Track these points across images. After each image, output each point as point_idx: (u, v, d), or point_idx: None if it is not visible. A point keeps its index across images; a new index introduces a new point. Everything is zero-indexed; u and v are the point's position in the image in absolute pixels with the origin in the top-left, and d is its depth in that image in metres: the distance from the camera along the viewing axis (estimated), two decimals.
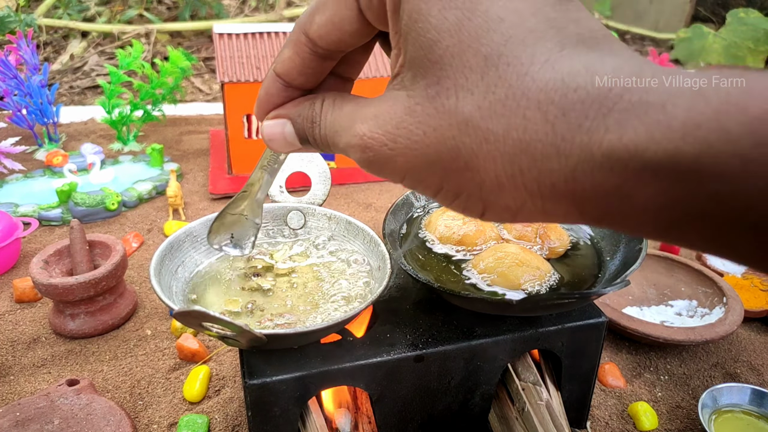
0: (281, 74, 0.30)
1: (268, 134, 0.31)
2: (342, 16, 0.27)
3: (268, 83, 0.31)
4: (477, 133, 0.22)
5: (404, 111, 0.25)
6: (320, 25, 0.27)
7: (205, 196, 1.25)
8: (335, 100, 0.29)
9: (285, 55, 0.29)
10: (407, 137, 0.24)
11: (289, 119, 0.31)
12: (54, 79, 1.95)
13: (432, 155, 0.24)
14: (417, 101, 0.24)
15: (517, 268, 0.58)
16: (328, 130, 0.29)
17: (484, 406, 0.63)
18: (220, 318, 0.43)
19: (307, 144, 0.31)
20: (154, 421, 0.69)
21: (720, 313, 0.82)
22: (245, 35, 1.26)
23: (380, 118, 0.26)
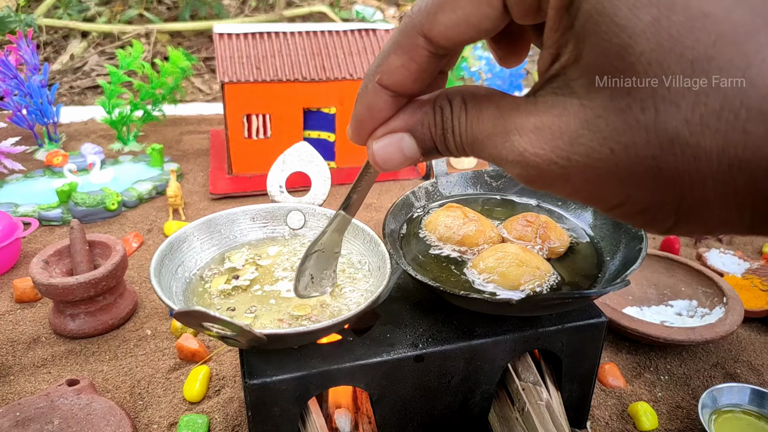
0: (391, 85, 0.27)
1: (383, 155, 0.28)
2: (481, 15, 0.24)
3: (370, 98, 0.27)
4: (684, 152, 0.19)
5: (580, 125, 0.21)
6: (449, 26, 0.24)
7: (205, 196, 1.25)
8: (466, 102, 0.26)
9: (394, 63, 0.26)
10: (587, 155, 0.21)
11: (407, 132, 0.27)
12: (54, 79, 1.95)
13: (621, 174, 0.21)
14: (598, 113, 0.21)
15: (517, 268, 0.58)
16: (467, 138, 0.26)
17: (484, 406, 0.63)
18: (220, 318, 0.43)
19: (433, 154, 0.28)
20: (154, 421, 0.69)
21: (720, 313, 0.82)
22: (245, 35, 1.26)
23: (545, 131, 0.22)
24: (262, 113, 1.25)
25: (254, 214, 0.67)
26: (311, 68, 1.24)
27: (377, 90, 0.27)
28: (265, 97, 1.23)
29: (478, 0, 0.23)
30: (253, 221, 0.67)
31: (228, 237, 0.65)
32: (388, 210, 0.68)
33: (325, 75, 1.24)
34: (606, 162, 0.21)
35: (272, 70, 1.22)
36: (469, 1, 0.23)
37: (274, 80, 1.21)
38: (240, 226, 0.66)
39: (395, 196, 1.23)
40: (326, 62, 1.26)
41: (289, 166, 0.68)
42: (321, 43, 1.28)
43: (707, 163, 0.19)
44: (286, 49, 1.26)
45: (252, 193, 1.25)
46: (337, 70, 1.25)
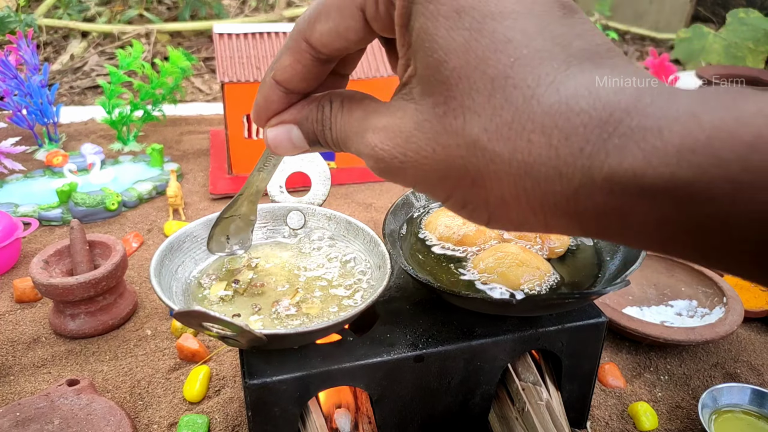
0: (282, 81, 0.30)
1: (274, 141, 0.31)
2: (347, 26, 0.27)
3: (267, 91, 0.31)
4: (484, 155, 0.23)
5: (414, 126, 0.25)
6: (323, 34, 0.27)
7: (205, 196, 1.25)
8: (343, 103, 0.29)
9: (285, 62, 0.29)
10: (416, 152, 0.25)
11: (295, 124, 0.31)
12: (54, 79, 1.95)
13: (441, 170, 0.25)
14: (425, 117, 0.24)
15: (517, 268, 0.58)
16: (339, 134, 0.29)
17: (484, 406, 0.63)
18: (220, 318, 0.43)
19: (317, 145, 0.31)
20: (154, 421, 0.69)
21: (720, 313, 0.82)
22: (245, 35, 1.26)
23: (390, 130, 0.26)
24: None
25: None
26: None
27: (272, 84, 0.30)
28: None
29: (344, 14, 0.27)
30: None
31: None
32: (388, 210, 0.68)
33: None
34: (431, 160, 0.25)
35: None
36: (337, 14, 0.27)
37: None
38: None
39: (395, 196, 1.23)
40: None
41: (289, 166, 0.68)
42: None
43: (501, 165, 0.23)
44: None
45: None
46: None
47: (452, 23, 0.23)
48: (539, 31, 0.23)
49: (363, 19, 0.27)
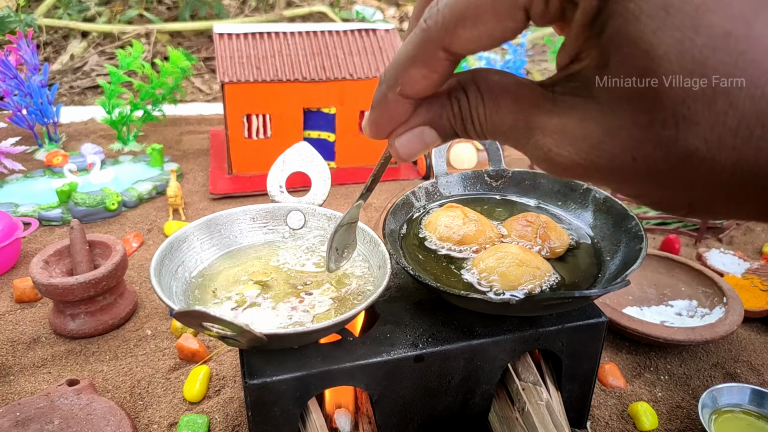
0: (413, 95, 0.27)
1: (406, 150, 0.29)
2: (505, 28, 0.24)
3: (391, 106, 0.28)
4: (701, 166, 0.21)
5: (603, 132, 0.23)
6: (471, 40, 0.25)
7: (205, 196, 1.25)
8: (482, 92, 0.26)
9: (416, 75, 0.26)
10: (609, 160, 0.23)
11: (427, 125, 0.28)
12: (54, 79, 1.95)
13: (640, 177, 0.22)
14: (619, 124, 0.22)
15: (517, 268, 0.58)
16: (488, 128, 0.27)
17: (484, 406, 0.63)
18: (220, 318, 0.43)
19: (453, 137, 0.29)
20: (154, 421, 0.69)
21: (720, 313, 0.82)
22: (245, 35, 1.26)
23: (568, 135, 0.24)
24: (262, 113, 1.25)
25: (254, 214, 0.67)
26: (311, 68, 1.24)
27: (398, 99, 0.28)
28: (265, 97, 1.23)
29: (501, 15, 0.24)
30: (253, 221, 0.67)
31: (228, 237, 0.65)
32: (388, 210, 0.68)
33: (325, 75, 1.24)
34: (627, 169, 0.22)
35: (272, 70, 1.22)
36: (492, 17, 0.24)
37: (274, 80, 1.21)
38: (240, 226, 0.66)
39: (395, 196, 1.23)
40: (326, 62, 1.26)
41: (289, 166, 0.68)
42: (321, 43, 1.28)
43: (722, 176, 0.21)
44: (286, 49, 1.26)
45: (252, 193, 1.25)
46: (337, 70, 1.25)
47: (659, 23, 0.20)
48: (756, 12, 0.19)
49: (525, 19, 0.24)
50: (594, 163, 0.23)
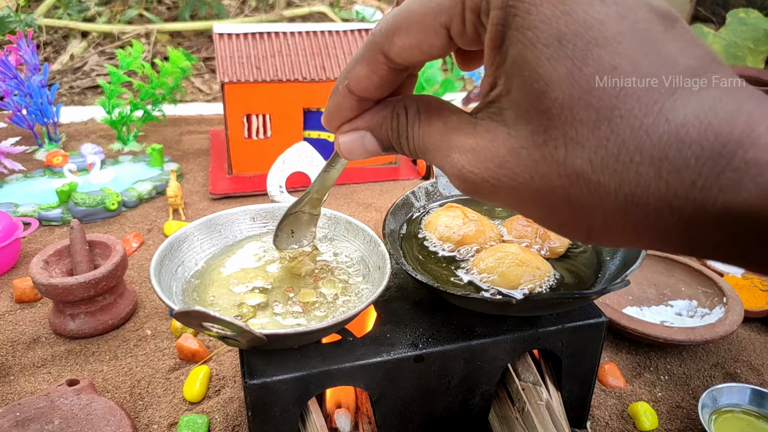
0: (356, 91, 0.30)
1: (346, 146, 0.31)
2: (430, 43, 0.26)
3: (339, 99, 0.30)
4: (588, 186, 0.22)
5: (507, 152, 0.24)
6: (402, 49, 0.27)
7: (205, 196, 1.25)
8: (419, 111, 0.29)
9: (360, 72, 0.29)
10: (511, 178, 0.24)
11: (369, 131, 0.31)
12: (54, 79, 1.95)
13: (539, 197, 0.24)
14: (522, 144, 0.24)
15: (517, 268, 0.58)
16: (418, 144, 0.29)
17: (484, 406, 0.63)
18: (220, 318, 0.43)
19: (390, 151, 0.31)
20: (154, 421, 0.69)
21: (720, 313, 0.82)
22: (245, 35, 1.26)
23: (480, 153, 0.25)
24: (262, 113, 1.25)
25: (254, 214, 0.67)
26: (311, 68, 1.24)
27: (345, 93, 0.30)
28: (265, 97, 1.23)
29: (427, 30, 0.26)
30: (253, 221, 0.67)
31: (228, 237, 0.65)
32: (388, 210, 0.68)
33: (325, 75, 1.24)
34: (527, 186, 0.24)
35: (272, 70, 1.22)
36: (420, 29, 0.26)
37: (274, 80, 1.21)
38: (240, 226, 0.66)
39: (395, 196, 1.23)
40: (326, 62, 1.26)
41: (289, 166, 0.68)
42: (321, 43, 1.28)
43: (607, 196, 0.22)
44: (286, 49, 1.26)
45: (252, 193, 1.25)
46: (337, 70, 1.25)
47: (553, 52, 0.22)
48: (644, 53, 0.22)
49: (447, 37, 0.26)
50: (500, 181, 0.25)
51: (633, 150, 0.21)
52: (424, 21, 0.26)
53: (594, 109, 0.22)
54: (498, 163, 0.25)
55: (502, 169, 0.25)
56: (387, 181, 1.34)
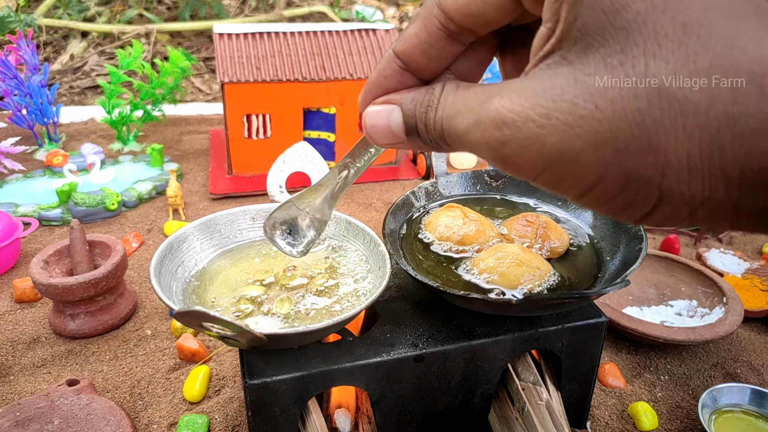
0: (401, 53, 0.27)
1: (370, 121, 0.28)
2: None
3: (383, 64, 0.28)
4: (672, 105, 0.19)
5: (567, 82, 0.21)
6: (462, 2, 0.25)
7: (205, 196, 1.25)
8: (460, 84, 0.26)
9: (410, 31, 0.26)
10: (569, 111, 0.21)
11: (399, 105, 0.27)
12: (54, 79, 1.95)
13: (603, 133, 0.20)
14: (588, 72, 0.21)
15: (517, 268, 0.58)
16: (446, 112, 0.25)
17: (484, 406, 0.63)
18: (220, 318, 0.43)
19: (413, 136, 0.27)
20: (154, 421, 0.69)
21: (720, 313, 0.82)
22: (245, 35, 1.26)
23: (529, 91, 0.22)
24: (262, 113, 1.25)
25: (254, 214, 0.67)
26: (311, 68, 1.24)
27: (390, 57, 0.27)
28: (265, 97, 1.23)
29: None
30: (253, 221, 0.67)
31: (228, 237, 0.65)
32: (388, 210, 0.68)
33: (325, 75, 1.24)
34: (589, 119, 0.20)
35: (272, 70, 1.22)
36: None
37: (274, 80, 1.21)
38: (240, 226, 0.66)
39: (395, 196, 1.23)
40: (326, 62, 1.26)
41: (289, 166, 0.68)
42: (321, 43, 1.28)
43: (695, 117, 0.19)
44: (286, 49, 1.26)
45: (252, 193, 1.25)
46: (337, 70, 1.25)
47: None
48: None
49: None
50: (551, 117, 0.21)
51: (728, 65, 0.19)
52: None
53: (680, 23, 0.19)
54: (552, 96, 0.21)
55: (557, 103, 0.21)
56: (387, 181, 1.34)
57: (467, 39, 0.27)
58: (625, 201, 0.21)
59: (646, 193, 0.21)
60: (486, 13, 0.25)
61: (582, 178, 0.21)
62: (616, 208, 0.22)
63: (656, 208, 0.21)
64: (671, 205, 0.21)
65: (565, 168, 0.21)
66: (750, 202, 0.19)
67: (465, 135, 0.24)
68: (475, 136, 0.23)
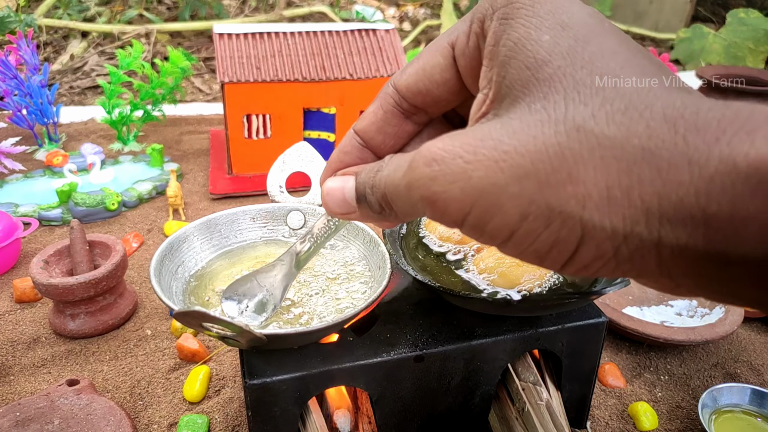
0: (360, 131, 0.29)
1: (327, 190, 0.29)
2: (434, 64, 0.27)
3: (344, 141, 0.30)
4: (589, 138, 0.20)
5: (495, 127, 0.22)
6: (410, 74, 0.27)
7: (205, 196, 1.25)
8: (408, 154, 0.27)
9: (369, 109, 0.29)
10: (494, 148, 0.22)
11: (354, 175, 0.29)
12: (54, 79, 1.95)
13: (526, 166, 0.21)
14: (514, 117, 0.22)
15: (517, 268, 0.58)
16: (389, 169, 0.26)
17: (484, 406, 0.63)
18: (220, 318, 0.43)
19: (363, 204, 0.28)
20: (154, 421, 0.69)
21: (720, 313, 0.82)
22: (245, 35, 1.26)
23: (460, 135, 0.23)
24: (262, 113, 1.25)
25: (254, 214, 0.67)
26: (311, 68, 1.24)
27: (351, 135, 0.30)
28: (265, 97, 1.23)
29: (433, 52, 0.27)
30: (253, 221, 0.67)
31: (228, 237, 0.65)
32: None
33: (325, 75, 1.24)
34: (512, 154, 0.21)
35: (272, 70, 1.22)
36: (427, 53, 0.27)
37: (274, 80, 1.21)
38: (240, 226, 0.66)
39: None
40: (326, 62, 1.26)
41: (289, 166, 0.68)
42: (321, 43, 1.28)
43: (612, 150, 0.20)
44: (286, 49, 1.26)
45: (252, 193, 1.25)
46: (337, 70, 1.25)
47: (557, 33, 0.22)
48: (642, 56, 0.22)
49: (451, 56, 0.26)
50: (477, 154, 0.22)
51: (642, 107, 0.20)
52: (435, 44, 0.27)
53: (597, 75, 0.21)
54: (480, 136, 0.22)
55: (484, 141, 0.22)
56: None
57: (421, 119, 0.29)
58: (550, 239, 0.21)
59: (569, 228, 0.21)
60: (432, 91, 0.27)
61: (507, 215, 0.22)
62: (542, 250, 0.22)
63: (580, 246, 0.21)
64: (594, 241, 0.21)
65: (490, 205, 0.22)
66: (672, 237, 0.19)
67: (400, 182, 0.25)
68: (409, 177, 0.24)
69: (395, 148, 0.30)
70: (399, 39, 1.32)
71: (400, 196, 0.25)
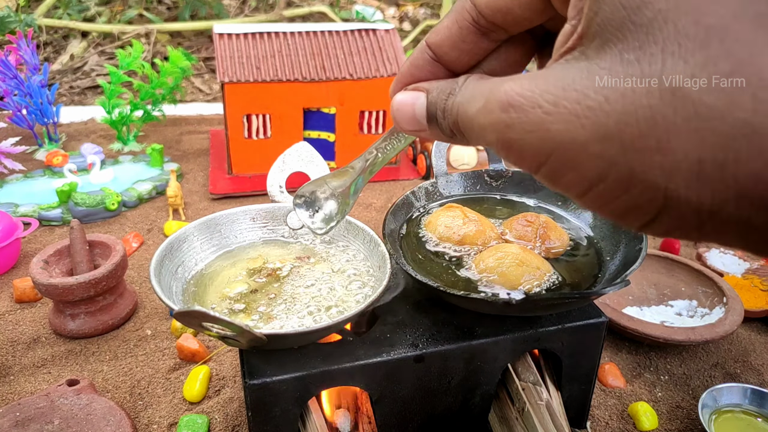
0: (433, 44, 0.27)
1: (397, 105, 0.28)
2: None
3: (415, 54, 0.28)
4: (686, 105, 0.18)
5: (580, 74, 0.20)
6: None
7: (205, 196, 1.25)
8: (484, 76, 0.25)
9: (443, 23, 0.27)
10: (577, 101, 0.20)
11: (426, 92, 0.27)
12: (54, 79, 1.95)
13: (610, 126, 0.19)
14: (603, 66, 0.20)
15: (517, 268, 0.58)
16: (462, 98, 0.25)
17: (484, 406, 0.63)
18: (220, 318, 0.43)
19: (433, 125, 0.27)
20: (154, 421, 0.69)
21: (720, 313, 0.82)
22: (245, 35, 1.26)
23: (540, 78, 0.21)
24: (262, 113, 1.25)
25: (254, 214, 0.67)
26: (311, 68, 1.24)
27: (423, 48, 0.28)
28: (265, 97, 1.23)
29: None
30: (253, 221, 0.67)
31: (228, 237, 0.65)
32: (388, 210, 0.68)
33: (325, 75, 1.24)
34: (597, 111, 0.19)
35: (272, 70, 1.22)
36: None
37: (274, 80, 1.21)
38: (240, 226, 0.66)
39: (395, 196, 1.23)
40: (326, 62, 1.26)
41: (289, 166, 0.68)
42: (321, 43, 1.28)
43: (711, 121, 0.18)
44: (286, 49, 1.26)
45: (252, 193, 1.25)
46: (337, 70, 1.25)
47: None
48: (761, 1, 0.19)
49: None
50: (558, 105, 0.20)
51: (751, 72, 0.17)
52: None
53: (704, 26, 0.18)
54: (563, 85, 0.20)
55: (567, 92, 0.20)
56: (387, 181, 1.34)
57: (498, 36, 0.27)
58: (628, 203, 0.20)
59: (650, 197, 0.19)
60: (513, 10, 0.25)
61: (584, 173, 0.20)
62: (618, 211, 0.21)
63: (661, 214, 0.20)
64: (677, 213, 0.19)
65: (568, 159, 0.20)
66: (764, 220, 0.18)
67: (474, 118, 0.24)
68: (483, 118, 0.23)
69: (470, 64, 0.28)
70: (399, 39, 1.32)
71: (474, 130, 0.24)
